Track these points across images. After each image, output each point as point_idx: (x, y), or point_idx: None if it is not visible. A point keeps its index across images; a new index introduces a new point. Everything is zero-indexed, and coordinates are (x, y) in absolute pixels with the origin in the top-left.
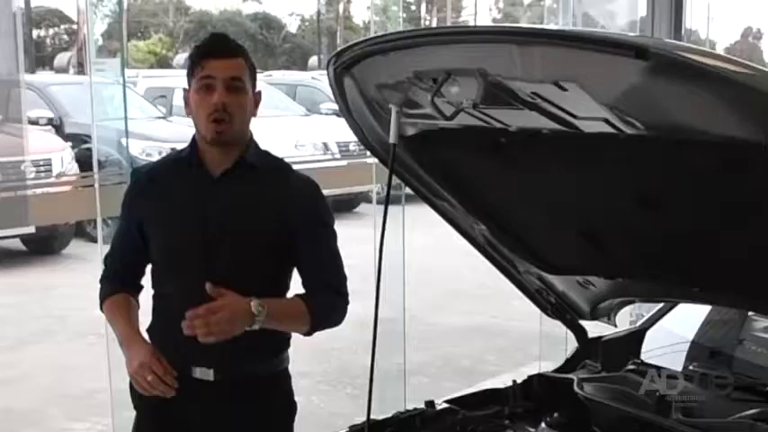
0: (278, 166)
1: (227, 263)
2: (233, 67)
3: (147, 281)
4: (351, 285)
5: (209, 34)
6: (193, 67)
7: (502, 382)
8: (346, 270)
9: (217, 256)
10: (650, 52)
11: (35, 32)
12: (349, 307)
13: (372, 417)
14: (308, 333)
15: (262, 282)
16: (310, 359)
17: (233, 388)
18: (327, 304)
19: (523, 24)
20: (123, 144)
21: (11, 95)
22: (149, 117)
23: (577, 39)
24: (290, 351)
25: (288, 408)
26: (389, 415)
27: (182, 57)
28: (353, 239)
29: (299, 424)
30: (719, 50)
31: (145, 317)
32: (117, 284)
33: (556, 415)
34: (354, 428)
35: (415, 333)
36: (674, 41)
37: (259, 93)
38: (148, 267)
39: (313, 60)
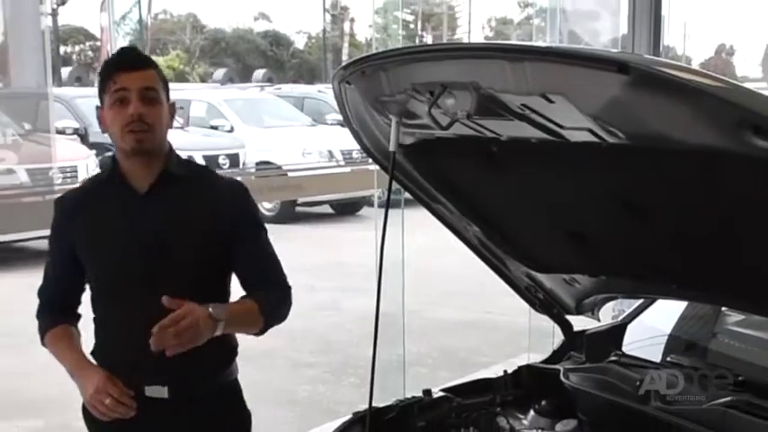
0: (202, 174)
1: (169, 277)
2: (145, 78)
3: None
4: (355, 283)
5: (119, 48)
6: (105, 82)
7: (494, 372)
8: (354, 268)
9: (157, 272)
10: (631, 67)
11: (62, 49)
12: (353, 303)
13: (374, 404)
14: (260, 332)
15: (205, 290)
16: (316, 351)
17: (187, 403)
18: (275, 301)
19: (514, 41)
20: None
21: (39, 107)
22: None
23: (564, 55)
24: (300, 344)
25: (243, 418)
26: (390, 402)
27: (220, 72)
28: (357, 241)
29: (307, 411)
30: (695, 65)
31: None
32: (56, 317)
33: (544, 403)
34: (357, 415)
35: (414, 327)
36: (653, 57)
37: (173, 104)
38: (85, 294)
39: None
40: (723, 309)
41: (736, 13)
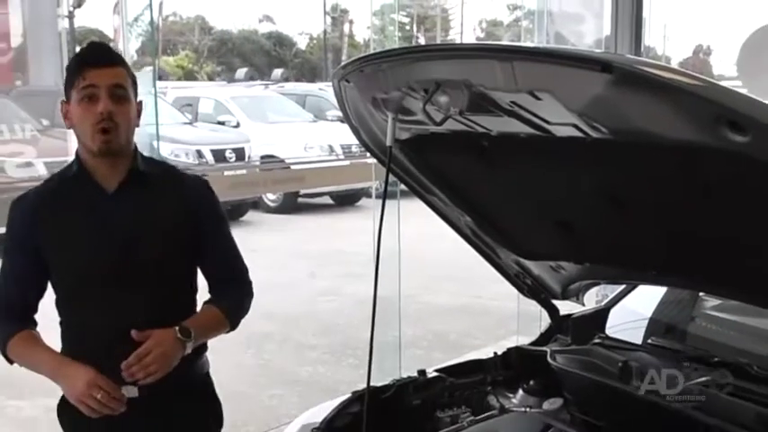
0: (168, 172)
1: (139, 276)
2: (115, 75)
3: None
4: (354, 270)
5: (87, 43)
6: (73, 77)
7: (485, 353)
8: (353, 256)
9: (127, 271)
10: (614, 66)
11: (78, 49)
12: (352, 288)
13: (372, 384)
14: (230, 331)
15: (175, 288)
16: (317, 334)
17: (158, 401)
18: (238, 299)
19: (503, 42)
20: (155, 146)
21: (56, 105)
22: (177, 123)
23: (550, 55)
24: (302, 327)
25: (215, 411)
26: (387, 382)
27: (242, 71)
28: (355, 230)
29: (309, 390)
30: (674, 65)
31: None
32: (16, 323)
33: (531, 383)
34: (356, 394)
35: (409, 311)
36: (634, 57)
37: (140, 102)
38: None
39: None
40: (700, 294)
41: (714, 15)
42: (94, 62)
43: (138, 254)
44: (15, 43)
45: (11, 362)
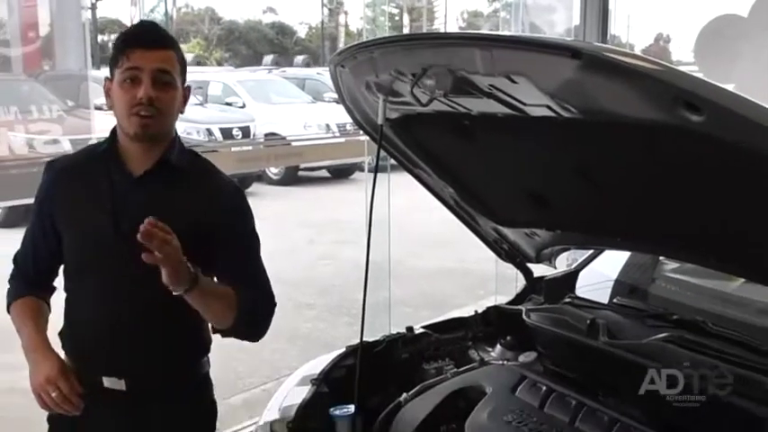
0: (204, 169)
1: (143, 275)
2: (162, 59)
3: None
4: (348, 236)
5: (138, 22)
6: (118, 56)
7: (466, 312)
8: (348, 224)
9: (130, 257)
10: (583, 53)
11: (100, 38)
12: (347, 253)
13: (365, 339)
14: (227, 330)
15: (177, 298)
16: (315, 294)
17: (147, 398)
18: (254, 301)
19: (483, 31)
20: None
21: (81, 87)
22: (189, 104)
23: (525, 42)
24: (302, 288)
25: (208, 415)
26: (378, 338)
27: (269, 57)
28: (350, 201)
29: (309, 345)
30: (637, 51)
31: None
32: (27, 286)
33: (508, 338)
34: (350, 348)
35: (399, 274)
36: (601, 44)
37: (188, 88)
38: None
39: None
40: (661, 258)
41: (673, 6)
42: (141, 43)
43: (140, 245)
44: (43, 32)
45: None
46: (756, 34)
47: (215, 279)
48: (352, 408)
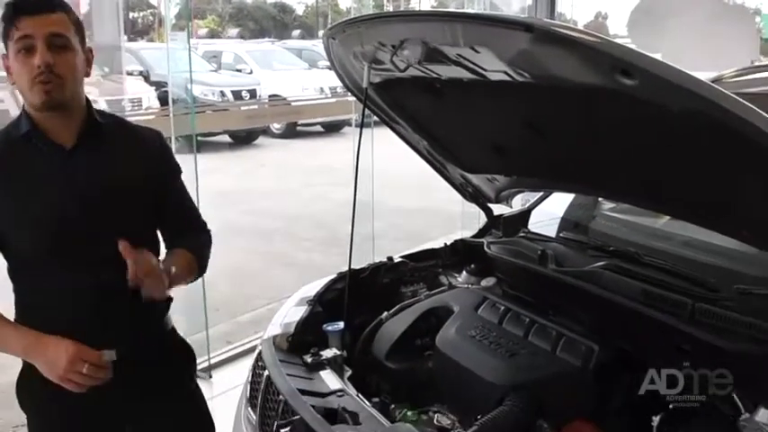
0: (121, 123)
1: (112, 232)
2: (53, 23)
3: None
4: (338, 180)
5: None
6: (8, 28)
7: (437, 244)
8: (338, 170)
9: (101, 227)
10: (534, 27)
11: (130, 15)
12: (337, 194)
13: (352, 266)
14: (198, 277)
15: (145, 242)
16: (311, 228)
17: (135, 361)
18: (201, 242)
19: (451, 9)
20: (188, 88)
21: (115, 56)
22: (206, 70)
23: (487, 18)
24: (299, 224)
25: (188, 360)
26: (363, 266)
27: (296, 32)
28: (340, 150)
29: (305, 271)
30: (580, 26)
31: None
32: None
33: (472, 266)
34: (342, 274)
35: (380, 212)
36: (550, 20)
37: (90, 50)
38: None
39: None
40: (600, 199)
41: None
42: (28, 10)
43: (109, 208)
44: (84, 10)
45: None
46: (679, 12)
47: (162, 227)
48: (341, 324)
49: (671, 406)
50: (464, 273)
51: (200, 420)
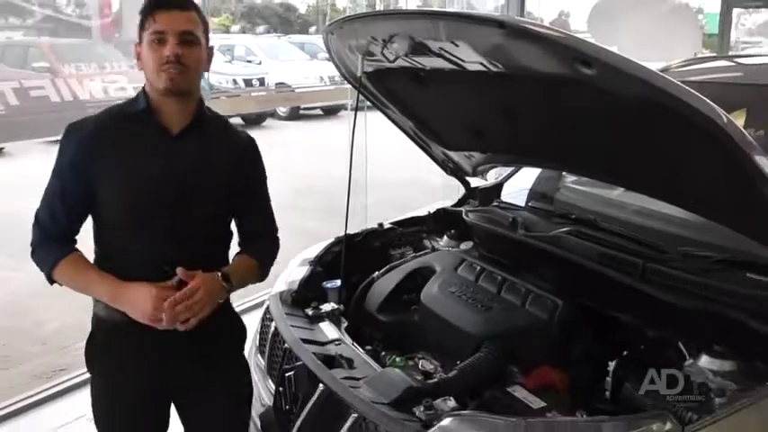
0: (223, 122)
1: (194, 217)
2: (185, 21)
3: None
4: (337, 158)
5: None
6: (144, 20)
7: (422, 212)
8: (337, 149)
9: (184, 211)
10: (506, 24)
11: None
12: (335, 170)
13: (348, 232)
14: (260, 281)
15: (219, 232)
16: (312, 199)
17: (199, 331)
18: (270, 251)
19: (434, 8)
20: (205, 76)
21: None
22: (221, 61)
23: (465, 17)
24: (304, 196)
25: (240, 333)
26: (358, 231)
27: (313, 28)
28: (338, 131)
29: (307, 237)
30: (546, 23)
31: None
32: (65, 246)
33: (452, 231)
34: (339, 238)
35: (373, 184)
36: (520, 18)
37: (211, 48)
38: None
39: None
40: (563, 173)
41: None
42: (165, 5)
43: (193, 194)
44: (115, 9)
45: (52, 282)
46: (632, 10)
47: (239, 224)
48: (338, 282)
49: (624, 353)
50: (445, 237)
51: (247, 390)
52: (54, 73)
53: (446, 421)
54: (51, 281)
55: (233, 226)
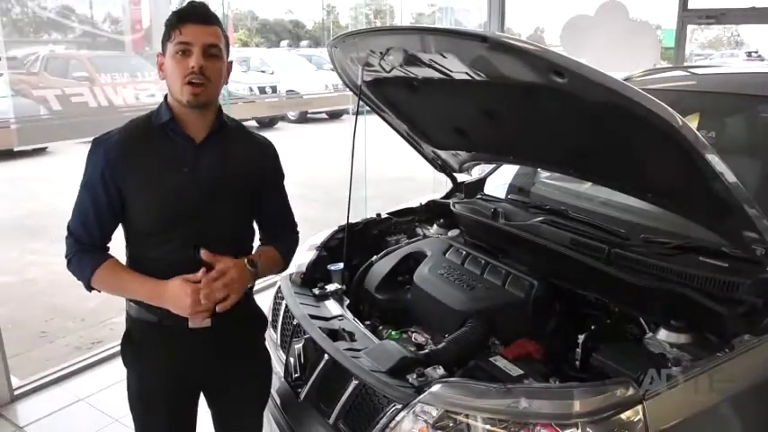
0: (240, 128)
1: (218, 219)
2: (210, 34)
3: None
4: (340, 155)
5: (189, 1)
6: (170, 31)
7: (414, 203)
8: (340, 148)
9: (210, 214)
10: (489, 39)
11: None
12: (338, 166)
13: (349, 221)
14: (282, 271)
15: (242, 231)
16: (318, 192)
17: (225, 327)
18: (290, 242)
19: (425, 25)
20: (226, 84)
21: None
22: (238, 71)
23: (452, 32)
24: (308, 189)
25: (262, 323)
26: (358, 220)
27: (305, 42)
28: (341, 133)
29: (314, 225)
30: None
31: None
32: (100, 254)
33: (441, 220)
34: (341, 227)
35: (371, 179)
36: (501, 33)
37: (231, 63)
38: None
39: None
40: (538, 169)
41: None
42: (193, 19)
43: (216, 197)
44: (145, 25)
45: (90, 290)
46: (599, 26)
47: (261, 222)
48: (341, 265)
49: (592, 327)
50: (435, 226)
51: (267, 377)
52: (92, 82)
53: (436, 387)
54: (90, 288)
55: (254, 225)
